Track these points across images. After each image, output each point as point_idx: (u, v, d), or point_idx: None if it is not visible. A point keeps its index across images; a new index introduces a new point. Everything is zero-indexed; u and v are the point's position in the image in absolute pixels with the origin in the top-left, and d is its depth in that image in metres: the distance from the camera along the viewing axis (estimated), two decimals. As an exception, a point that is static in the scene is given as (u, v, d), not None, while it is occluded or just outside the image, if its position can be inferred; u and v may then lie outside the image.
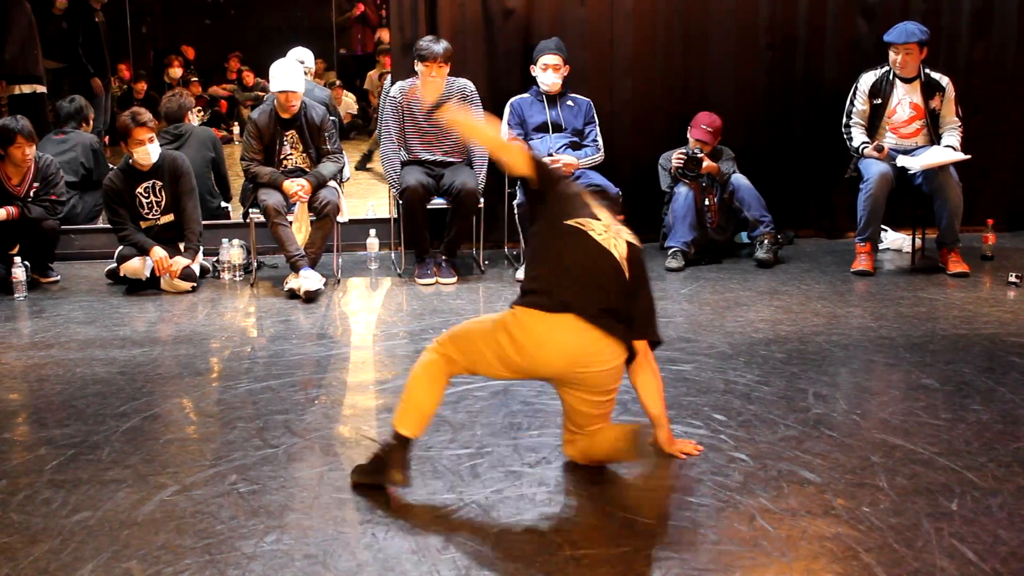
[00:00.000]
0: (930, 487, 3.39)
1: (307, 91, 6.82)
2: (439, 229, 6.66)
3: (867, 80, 6.69)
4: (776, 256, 6.83)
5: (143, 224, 6.40)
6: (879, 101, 6.65)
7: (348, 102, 13.44)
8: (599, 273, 3.42)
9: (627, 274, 3.45)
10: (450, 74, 6.54)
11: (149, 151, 6.27)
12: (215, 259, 6.73)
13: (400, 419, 3.42)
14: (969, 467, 3.55)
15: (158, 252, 6.25)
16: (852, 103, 6.74)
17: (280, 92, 6.36)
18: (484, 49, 7.20)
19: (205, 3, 15.77)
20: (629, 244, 3.52)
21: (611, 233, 3.48)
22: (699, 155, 6.78)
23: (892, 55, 6.59)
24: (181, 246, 6.42)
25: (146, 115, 6.31)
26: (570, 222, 3.46)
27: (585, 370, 3.39)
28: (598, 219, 3.51)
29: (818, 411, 4.13)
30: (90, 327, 5.57)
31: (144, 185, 6.36)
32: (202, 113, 12.69)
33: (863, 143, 6.62)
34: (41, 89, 8.70)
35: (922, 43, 6.53)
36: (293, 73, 6.41)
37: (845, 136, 6.75)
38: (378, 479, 3.42)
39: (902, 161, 6.47)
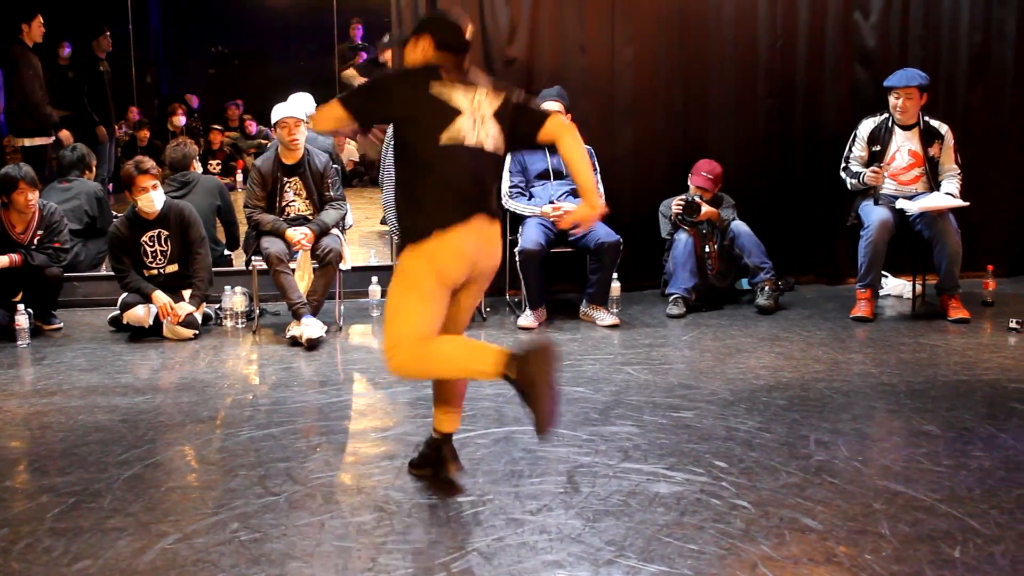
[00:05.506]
0: (932, 534, 3.38)
1: (310, 139, 6.88)
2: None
3: (866, 127, 6.73)
4: (777, 302, 6.84)
5: (147, 272, 6.43)
6: (878, 148, 6.70)
7: (351, 149, 13.50)
8: (479, 174, 3.52)
9: (504, 147, 3.62)
10: (452, 123, 6.58)
11: (153, 198, 6.31)
12: (217, 306, 6.75)
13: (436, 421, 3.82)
14: (971, 514, 3.55)
15: (161, 297, 6.27)
16: (851, 149, 6.79)
17: (280, 122, 6.41)
18: (486, 98, 7.24)
19: (209, 53, 15.94)
20: (496, 115, 3.59)
21: (478, 117, 3.53)
22: (697, 200, 6.83)
23: (892, 99, 6.64)
24: (186, 294, 6.45)
25: (149, 162, 6.36)
26: (441, 140, 3.44)
27: (492, 261, 3.59)
28: (459, 111, 3.50)
29: (820, 458, 4.12)
30: (92, 374, 5.58)
31: (150, 234, 6.40)
32: (218, 164, 12.82)
33: (859, 172, 6.64)
34: (47, 141, 8.87)
35: (922, 88, 6.58)
36: (291, 102, 6.52)
37: (844, 177, 6.78)
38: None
39: (901, 204, 6.51)
